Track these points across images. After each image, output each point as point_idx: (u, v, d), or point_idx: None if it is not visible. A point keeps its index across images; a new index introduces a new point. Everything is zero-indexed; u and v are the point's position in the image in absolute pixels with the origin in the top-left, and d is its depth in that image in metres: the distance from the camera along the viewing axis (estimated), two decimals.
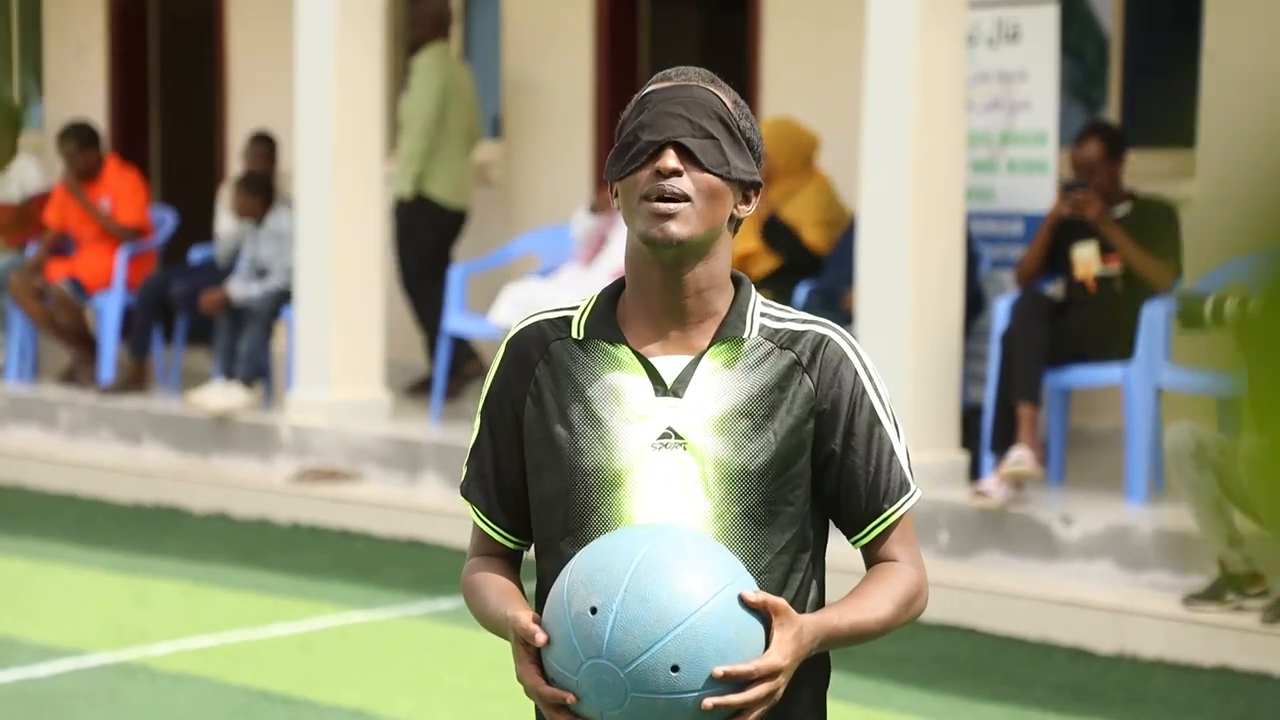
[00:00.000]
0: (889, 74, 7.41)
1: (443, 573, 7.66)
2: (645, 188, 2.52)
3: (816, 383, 2.57)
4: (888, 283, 7.44)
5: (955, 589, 6.99)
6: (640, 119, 2.55)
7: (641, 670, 2.29)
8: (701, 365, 2.56)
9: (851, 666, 6.21)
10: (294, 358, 9.52)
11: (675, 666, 2.29)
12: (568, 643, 2.33)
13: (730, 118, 2.55)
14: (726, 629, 2.32)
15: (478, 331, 9.47)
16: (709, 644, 2.31)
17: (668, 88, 2.57)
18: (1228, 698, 6.13)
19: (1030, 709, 6.04)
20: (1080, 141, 7.85)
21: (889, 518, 2.60)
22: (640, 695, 2.29)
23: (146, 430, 9.87)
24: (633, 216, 2.54)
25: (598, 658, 2.30)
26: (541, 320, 2.66)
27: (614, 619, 2.29)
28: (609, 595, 2.31)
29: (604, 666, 2.30)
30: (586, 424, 2.56)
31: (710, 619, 2.31)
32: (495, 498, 2.65)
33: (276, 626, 7.02)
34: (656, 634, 2.29)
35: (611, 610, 2.30)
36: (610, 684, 2.30)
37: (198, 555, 8.20)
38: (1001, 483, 7.22)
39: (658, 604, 2.30)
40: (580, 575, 2.35)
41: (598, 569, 2.35)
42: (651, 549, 2.36)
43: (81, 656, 6.60)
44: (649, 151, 2.52)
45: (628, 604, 2.30)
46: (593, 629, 2.30)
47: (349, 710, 5.96)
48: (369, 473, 9.00)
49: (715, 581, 2.34)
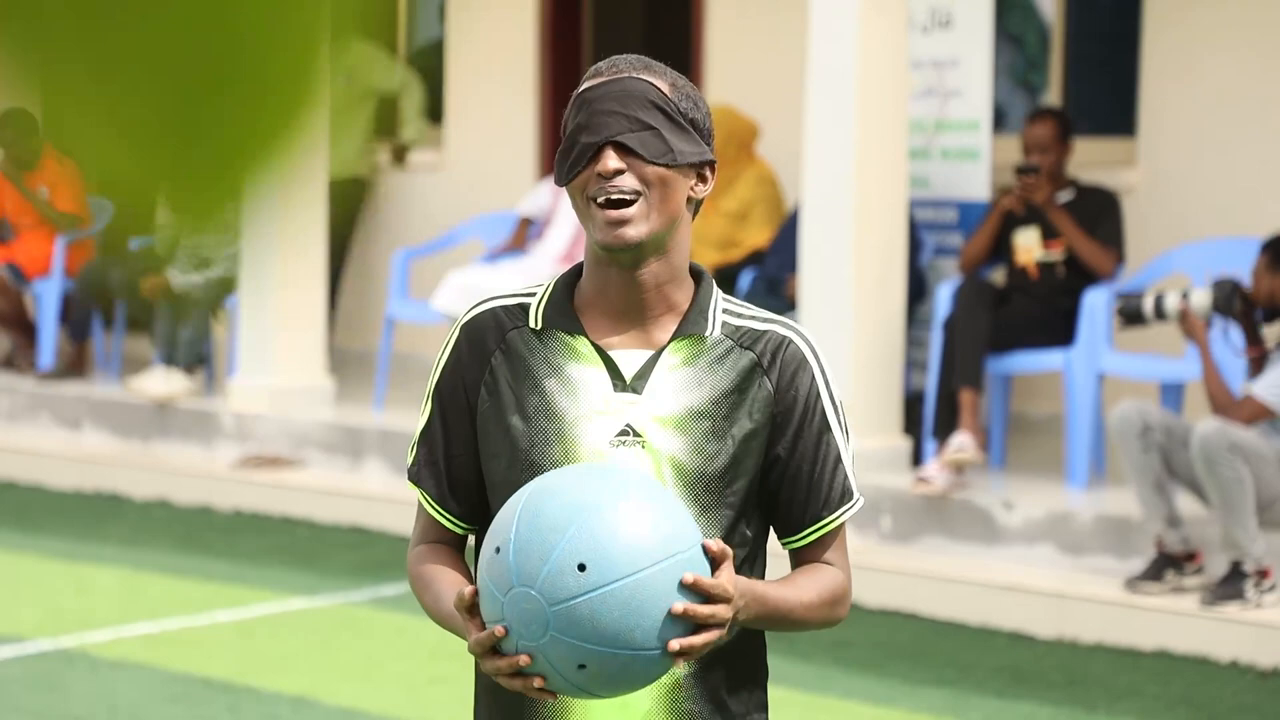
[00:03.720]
0: (831, 60, 7.43)
1: (386, 559, 7.65)
2: (592, 190, 2.49)
3: (775, 385, 2.55)
4: (830, 270, 7.46)
5: (897, 574, 7.02)
6: (578, 120, 2.51)
7: (550, 581, 2.26)
8: (661, 361, 2.54)
9: (793, 651, 6.23)
10: (236, 343, 9.48)
11: (581, 565, 2.25)
12: (486, 591, 2.32)
13: (668, 102, 2.52)
14: (627, 522, 2.28)
15: (420, 317, 9.45)
16: (609, 535, 2.27)
17: (600, 84, 2.52)
18: (1167, 681, 6.17)
19: (971, 693, 6.08)
20: (1033, 121, 7.88)
21: (826, 525, 2.58)
22: (559, 608, 2.25)
23: (87, 416, 9.81)
24: (585, 220, 2.51)
25: (511, 589, 2.28)
26: (497, 306, 2.61)
27: (513, 547, 2.28)
28: (506, 532, 2.30)
29: (519, 594, 2.27)
30: (544, 418, 2.53)
31: (605, 513, 2.28)
32: (447, 485, 2.62)
33: (218, 613, 6.99)
34: (552, 541, 2.26)
35: (510, 541, 2.29)
36: (531, 611, 2.27)
37: (138, 542, 8.16)
38: (943, 468, 7.26)
39: (549, 515, 2.28)
40: (488, 533, 2.37)
41: (497, 519, 2.36)
42: (540, 481, 2.36)
43: (21, 643, 6.56)
44: (589, 154, 2.49)
45: (520, 530, 2.29)
46: (500, 566, 2.29)
47: (290, 697, 5.95)
48: (311, 459, 8.97)
49: (610, 485, 2.32)
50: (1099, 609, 6.61)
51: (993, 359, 7.64)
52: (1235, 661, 6.31)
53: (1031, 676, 6.24)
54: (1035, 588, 6.79)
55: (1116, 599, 6.59)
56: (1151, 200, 8.56)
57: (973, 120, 8.23)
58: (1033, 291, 7.77)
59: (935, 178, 8.37)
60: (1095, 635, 6.58)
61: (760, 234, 8.72)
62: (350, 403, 9.38)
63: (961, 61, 8.23)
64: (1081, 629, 6.62)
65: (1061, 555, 6.97)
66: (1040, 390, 8.73)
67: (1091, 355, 7.51)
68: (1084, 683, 6.18)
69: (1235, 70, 8.44)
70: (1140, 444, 6.45)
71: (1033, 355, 7.71)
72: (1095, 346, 7.51)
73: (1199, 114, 8.52)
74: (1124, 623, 6.54)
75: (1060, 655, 6.48)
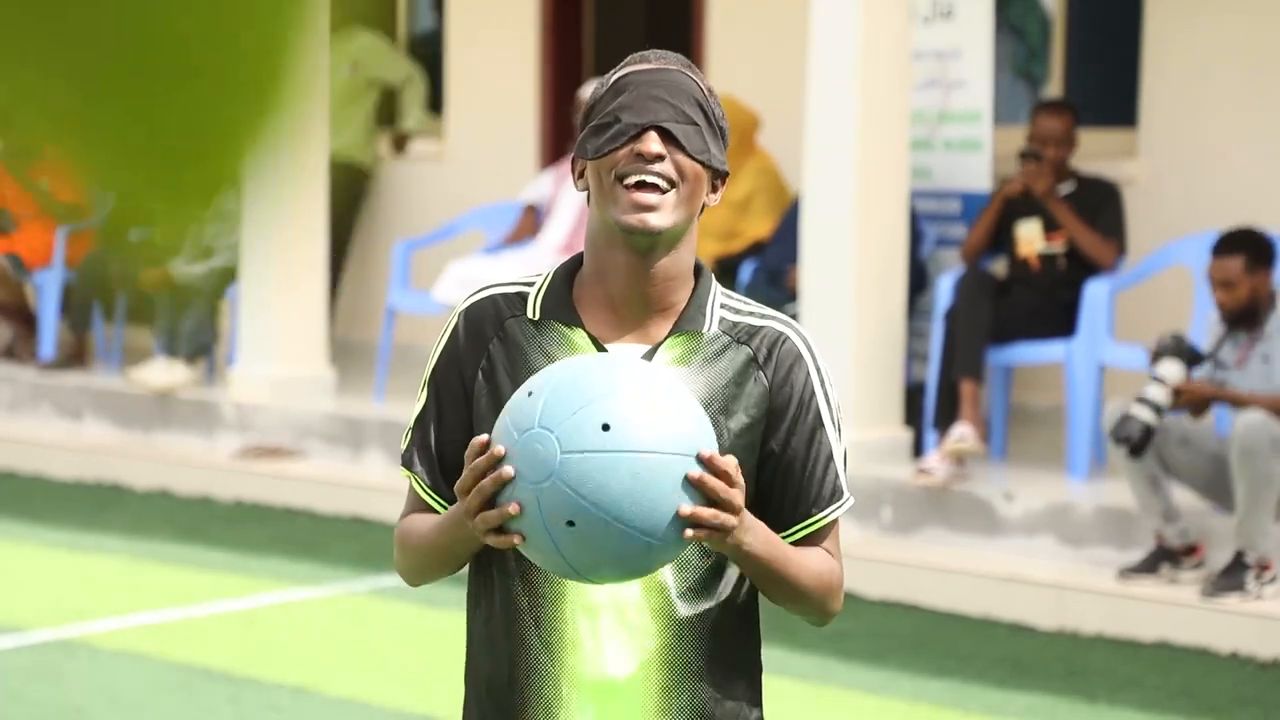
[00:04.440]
0: (832, 51, 7.42)
1: (387, 549, 7.65)
2: (624, 168, 2.47)
3: (770, 380, 2.55)
4: (831, 261, 7.46)
5: (897, 565, 7.02)
6: (620, 100, 2.49)
7: (571, 429, 2.27)
8: (658, 357, 2.53)
9: (793, 642, 6.23)
10: (237, 334, 9.48)
11: (606, 425, 2.26)
12: (503, 429, 2.33)
13: (708, 105, 2.53)
14: (663, 406, 2.30)
15: (421, 308, 9.45)
16: (643, 410, 2.28)
17: (648, 70, 2.52)
18: (1167, 672, 6.18)
19: (971, 684, 6.08)
20: (1046, 112, 7.85)
21: (817, 522, 2.58)
22: (571, 456, 2.26)
23: (88, 407, 9.82)
24: (606, 199, 2.49)
25: (529, 429, 2.29)
26: (496, 294, 2.61)
27: (546, 393, 2.30)
28: (544, 379, 2.33)
29: (536, 435, 2.28)
30: None
31: (645, 393, 2.30)
32: (440, 471, 2.61)
33: (219, 603, 7.00)
34: (587, 397, 2.28)
35: (544, 388, 2.31)
36: (543, 454, 2.27)
37: (139, 532, 8.16)
38: (944, 460, 7.26)
39: (588, 380, 2.30)
40: (523, 383, 2.39)
41: (539, 374, 2.38)
42: (589, 356, 2.40)
43: (22, 633, 6.56)
44: (630, 133, 2.47)
45: (558, 382, 2.31)
46: (527, 407, 2.31)
47: (292, 687, 5.95)
48: (312, 449, 8.97)
49: (657, 378, 2.35)
50: (1099, 600, 6.61)
51: (994, 350, 7.64)
52: (1236, 653, 6.31)
53: (1032, 667, 6.24)
54: (1036, 579, 6.79)
55: (1117, 590, 6.59)
56: (1152, 192, 8.55)
57: (975, 111, 8.23)
58: (1034, 283, 7.76)
59: (937, 169, 8.36)
60: (1095, 626, 6.59)
61: (761, 225, 8.72)
62: (351, 393, 9.38)
63: (964, 52, 8.22)
64: (1082, 620, 6.62)
65: (1062, 546, 6.97)
66: (1041, 381, 8.73)
67: (1092, 346, 7.51)
68: (1084, 674, 6.18)
69: (1237, 61, 8.43)
70: None
71: (1034, 346, 7.71)
72: (1096, 338, 7.51)
73: (1200, 105, 8.51)
74: (1124, 614, 6.54)
75: (1060, 646, 6.48)
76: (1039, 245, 7.79)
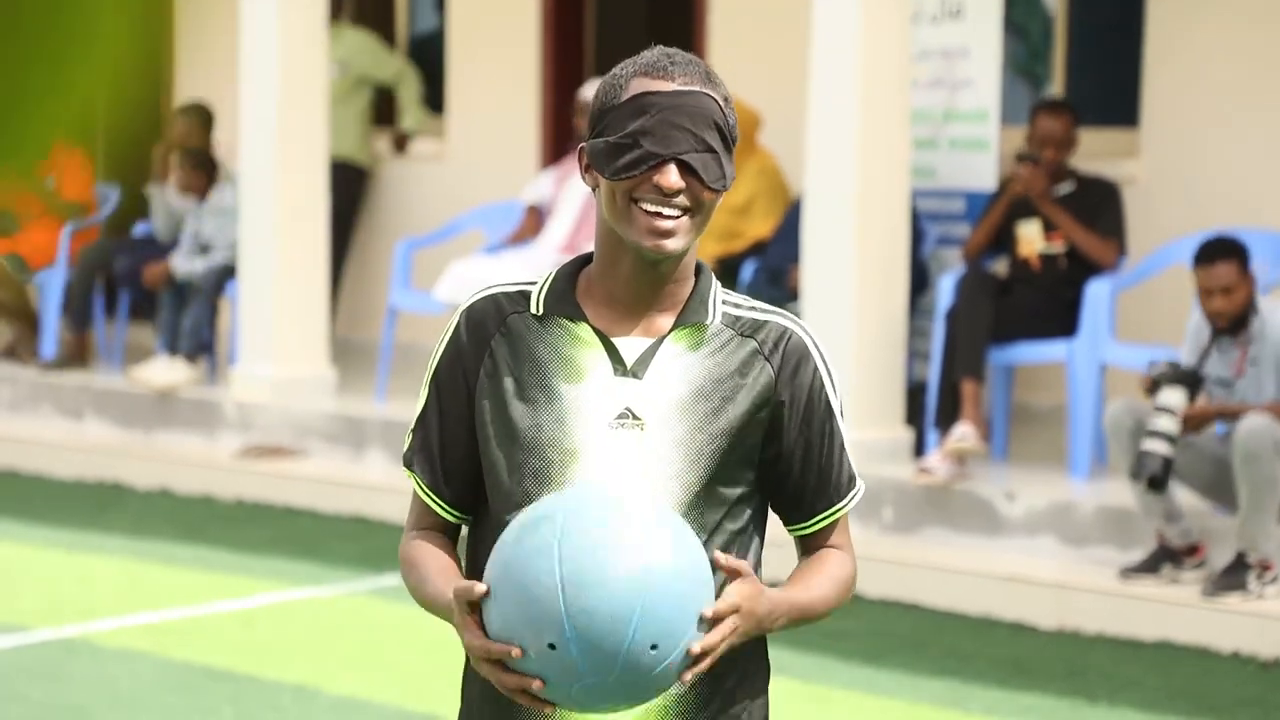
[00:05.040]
0: (833, 50, 7.42)
1: (387, 549, 7.65)
2: (641, 194, 2.49)
3: (777, 372, 2.57)
4: (833, 260, 7.46)
5: (899, 565, 7.02)
6: (641, 123, 2.49)
7: (628, 668, 2.31)
8: (663, 349, 2.56)
9: (793, 641, 6.23)
10: (238, 333, 9.48)
11: (654, 645, 2.31)
12: (549, 680, 2.34)
13: (725, 124, 2.54)
14: (678, 586, 2.34)
15: (422, 307, 9.45)
16: (672, 609, 2.32)
17: (672, 93, 2.51)
18: (1168, 672, 6.18)
19: (971, 683, 6.08)
20: (1047, 113, 7.84)
21: (837, 511, 2.64)
22: (628, 675, 2.32)
23: (89, 406, 9.82)
24: (620, 217, 2.51)
25: (581, 679, 2.32)
26: (498, 293, 2.62)
27: (574, 645, 2.30)
28: (556, 630, 2.30)
29: (591, 684, 2.33)
30: (543, 399, 2.54)
31: (659, 587, 2.32)
32: (441, 471, 2.62)
33: (220, 603, 7.00)
34: (621, 634, 2.29)
35: (566, 638, 2.30)
36: (601, 686, 2.34)
37: (140, 531, 8.16)
38: (945, 459, 7.26)
39: (606, 612, 2.29)
40: (513, 614, 2.32)
41: (529, 604, 2.32)
42: (576, 564, 2.32)
43: (23, 632, 6.56)
44: (650, 162, 2.48)
45: (579, 629, 2.29)
46: (563, 661, 2.31)
47: (292, 686, 5.95)
48: (314, 449, 8.97)
49: (642, 542, 2.34)
50: (1100, 600, 6.61)
51: (995, 349, 7.64)
52: (1237, 652, 6.31)
53: (1033, 667, 6.24)
54: (1037, 579, 6.79)
55: (1118, 590, 6.59)
56: (1153, 191, 8.55)
57: (981, 110, 8.23)
58: (1035, 282, 7.76)
59: (943, 168, 8.36)
60: (1096, 626, 6.59)
61: (763, 225, 8.72)
62: (352, 393, 9.38)
63: (971, 52, 8.22)
64: (1083, 620, 6.62)
65: (1063, 546, 6.97)
66: (1042, 381, 8.73)
67: (1094, 346, 7.51)
68: (1085, 673, 6.18)
69: (1238, 61, 8.43)
70: (1133, 443, 6.44)
71: (1035, 346, 7.71)
72: (1097, 337, 7.51)
73: (1202, 104, 8.51)
74: (1125, 614, 6.54)
75: (1061, 646, 6.48)
76: (1039, 245, 7.79)
